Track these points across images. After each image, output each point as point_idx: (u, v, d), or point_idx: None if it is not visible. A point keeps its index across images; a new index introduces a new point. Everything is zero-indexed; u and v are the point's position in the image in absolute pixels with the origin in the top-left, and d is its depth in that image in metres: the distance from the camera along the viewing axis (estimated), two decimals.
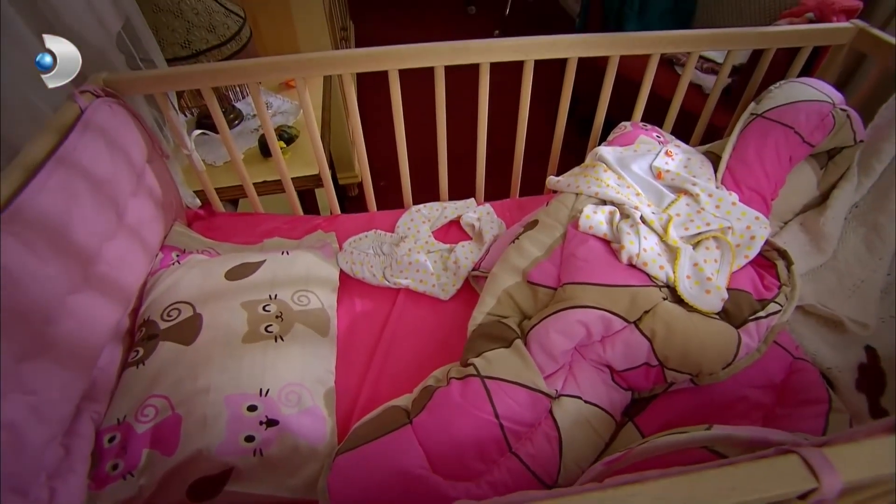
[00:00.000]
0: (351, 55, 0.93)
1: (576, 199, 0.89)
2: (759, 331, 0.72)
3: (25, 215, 0.66)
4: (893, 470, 0.40)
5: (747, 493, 0.39)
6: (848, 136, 0.91)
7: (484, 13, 3.49)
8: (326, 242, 1.08)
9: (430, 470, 0.61)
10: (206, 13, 1.14)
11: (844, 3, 1.34)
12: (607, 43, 1.00)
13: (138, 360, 0.80)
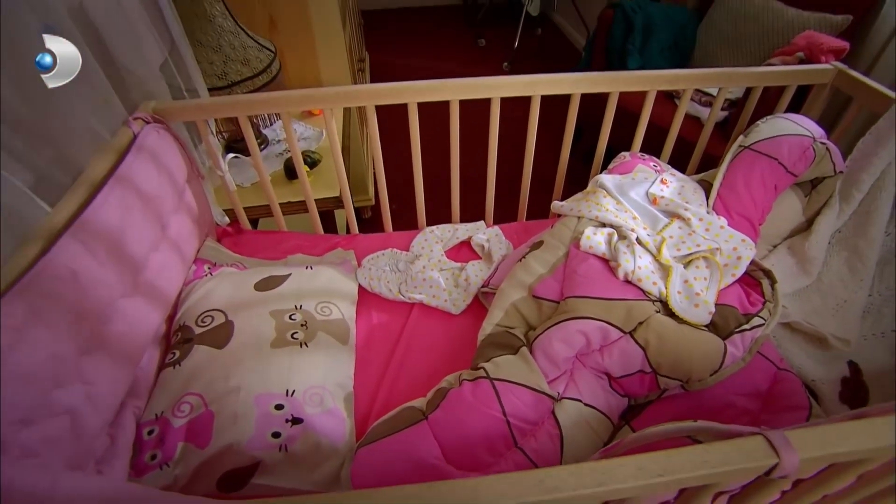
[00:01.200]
0: (375, 89, 1.04)
1: (578, 221, 0.98)
2: (744, 342, 0.80)
3: (90, 226, 0.76)
4: (842, 449, 0.48)
5: (717, 465, 0.47)
6: (828, 167, 1.00)
7: (493, 46, 3.65)
8: (346, 259, 1.17)
9: (443, 461, 0.69)
10: (241, 48, 1.27)
11: (832, 43, 1.45)
12: (608, 80, 1.10)
13: (175, 361, 0.88)
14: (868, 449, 0.49)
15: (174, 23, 1.02)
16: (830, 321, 0.96)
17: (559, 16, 3.97)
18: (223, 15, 1.22)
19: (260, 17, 1.56)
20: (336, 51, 1.69)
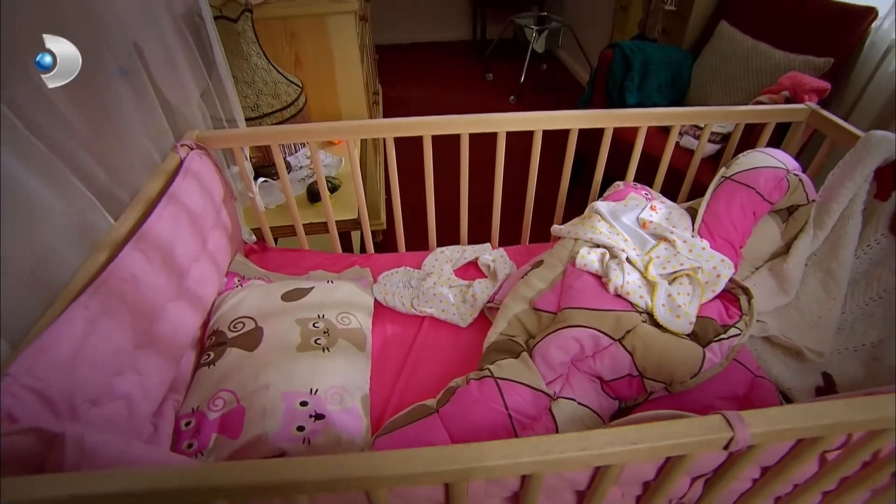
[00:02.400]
0: (394, 123, 1.18)
1: (574, 243, 1.10)
2: (721, 350, 0.90)
3: (148, 237, 0.88)
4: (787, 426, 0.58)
5: (680, 437, 0.57)
6: (801, 197, 1.12)
7: (501, 79, 3.86)
8: (363, 276, 1.29)
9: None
10: (272, 83, 1.42)
11: (814, 84, 1.59)
12: (602, 117, 1.24)
13: (209, 361, 0.99)
14: (811, 426, 0.59)
15: (223, 64, 1.17)
16: (807, 335, 1.06)
17: (563, 52, 4.19)
18: (258, 55, 1.38)
19: (287, 54, 1.73)
20: (354, 85, 1.86)
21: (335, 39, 1.73)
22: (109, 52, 0.90)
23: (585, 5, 3.76)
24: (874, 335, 1.03)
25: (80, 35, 0.83)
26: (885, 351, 0.99)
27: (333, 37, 1.72)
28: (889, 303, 1.03)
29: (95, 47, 0.87)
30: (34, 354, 0.64)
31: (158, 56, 1.07)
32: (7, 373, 0.60)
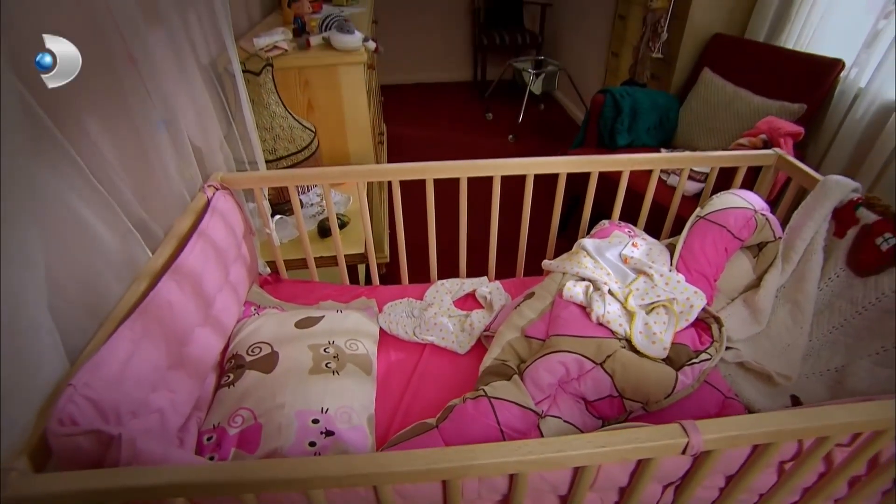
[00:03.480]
0: (400, 168, 1.32)
1: (562, 276, 1.22)
2: (693, 373, 1.01)
3: (181, 269, 1.01)
4: (734, 432, 0.69)
5: (642, 441, 0.68)
6: (769, 234, 1.24)
7: (500, 119, 4.05)
8: (369, 306, 1.41)
9: None
10: (289, 129, 1.57)
11: (788, 128, 1.75)
12: (588, 163, 1.38)
13: (229, 382, 1.10)
14: (756, 433, 0.70)
15: (248, 114, 1.33)
16: (776, 361, 1.17)
17: (560, 93, 4.41)
18: (277, 103, 1.54)
19: (301, 100, 1.90)
20: (361, 128, 2.02)
21: (345, 87, 1.90)
22: (153, 105, 1.05)
23: (580, 51, 4.00)
24: (837, 361, 1.14)
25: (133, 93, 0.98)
26: (846, 375, 1.10)
27: (344, 85, 1.89)
28: (849, 331, 1.14)
29: (143, 105, 1.02)
30: (91, 370, 0.75)
31: (188, 105, 1.22)
32: (70, 383, 0.71)
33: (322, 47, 1.90)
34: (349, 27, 1.83)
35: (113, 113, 0.97)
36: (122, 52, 0.95)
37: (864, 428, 0.75)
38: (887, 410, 0.72)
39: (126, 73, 0.97)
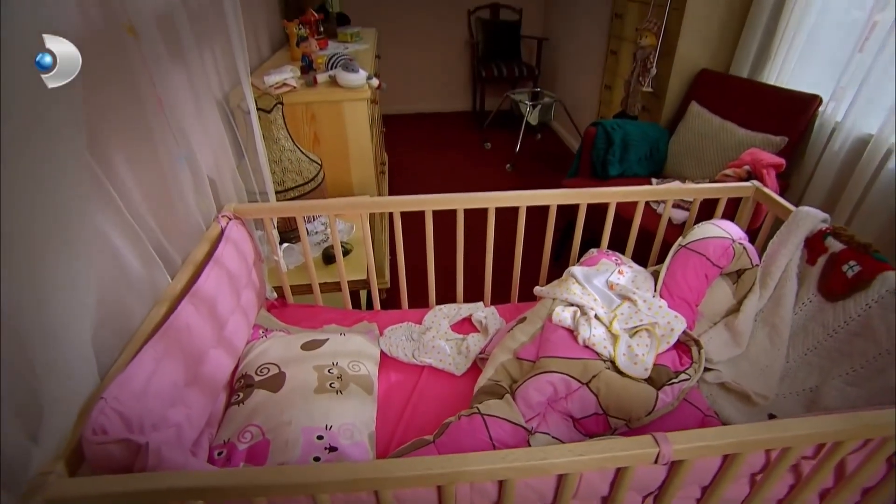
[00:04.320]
0: (401, 200, 1.42)
1: (552, 302, 1.31)
2: (673, 392, 1.09)
3: (198, 293, 1.10)
4: (701, 443, 0.76)
5: (617, 451, 0.76)
6: (746, 262, 1.33)
7: (498, 148, 4.19)
8: (371, 330, 1.49)
9: None
10: (297, 161, 1.68)
11: (770, 160, 1.85)
12: (577, 195, 1.48)
13: (239, 400, 1.17)
14: (721, 444, 0.78)
15: (262, 149, 1.43)
16: (755, 382, 1.25)
17: (556, 123, 4.57)
18: (286, 138, 1.65)
19: (307, 133, 2.02)
20: (364, 160, 2.14)
21: (349, 122, 2.02)
22: (175, 142, 1.15)
23: (575, 83, 4.17)
24: (812, 381, 1.21)
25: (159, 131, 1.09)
26: (820, 395, 1.17)
27: (348, 120, 2.02)
28: (822, 353, 1.22)
29: (167, 141, 1.13)
30: (119, 384, 0.83)
31: (204, 139, 1.32)
32: (102, 397, 0.79)
33: (328, 84, 2.03)
34: (354, 66, 1.96)
35: (140, 150, 1.07)
36: (151, 96, 1.06)
37: (824, 438, 0.83)
38: (845, 422, 0.80)
39: (154, 113, 1.08)
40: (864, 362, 1.12)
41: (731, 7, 2.42)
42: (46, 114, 0.65)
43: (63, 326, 0.73)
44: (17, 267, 0.64)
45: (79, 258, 0.75)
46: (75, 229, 0.74)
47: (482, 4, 4.67)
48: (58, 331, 0.71)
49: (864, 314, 1.15)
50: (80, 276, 0.76)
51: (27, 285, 0.66)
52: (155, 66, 1.05)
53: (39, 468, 0.71)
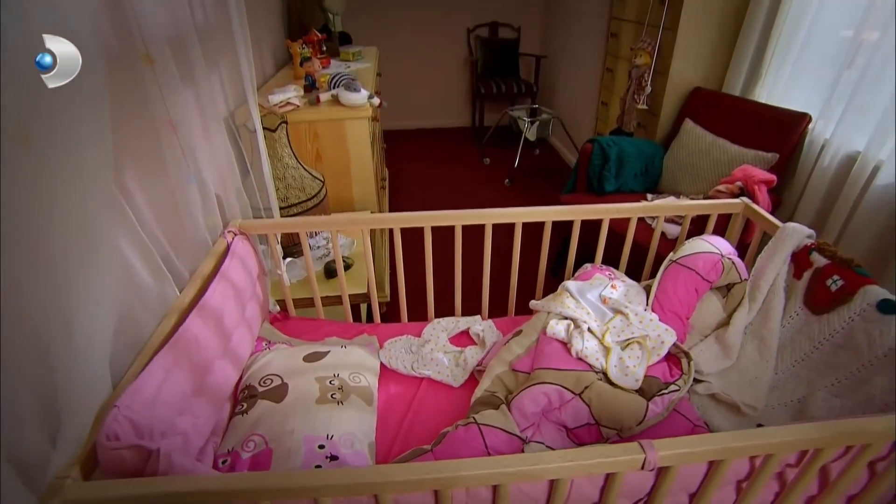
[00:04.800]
0: (400, 217, 1.47)
1: (547, 315, 1.35)
2: (663, 402, 1.13)
3: (206, 307, 1.14)
4: (684, 450, 0.80)
5: (608, 457, 0.80)
6: (735, 276, 1.38)
7: (497, 164, 4.26)
8: (371, 342, 1.53)
9: None
10: (300, 178, 1.74)
11: (762, 176, 1.90)
12: (571, 212, 1.53)
13: (243, 411, 1.21)
14: (703, 450, 0.82)
15: (267, 167, 1.49)
16: (744, 393, 1.28)
17: (554, 138, 4.65)
18: (290, 156, 1.71)
19: (310, 150, 2.08)
20: (365, 176, 2.20)
21: (351, 139, 2.09)
22: (184, 163, 1.21)
23: (572, 100, 4.25)
24: (799, 392, 1.25)
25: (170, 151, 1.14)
26: (807, 406, 1.21)
27: (350, 137, 2.08)
28: (808, 365, 1.26)
29: (175, 161, 1.19)
30: (132, 393, 0.88)
31: (211, 156, 1.38)
32: (115, 405, 0.84)
33: (330, 103, 2.10)
34: (356, 86, 2.03)
35: (152, 170, 1.13)
36: (164, 119, 1.12)
37: (803, 446, 0.87)
38: (822, 430, 0.84)
39: (166, 135, 1.13)
40: (847, 374, 1.16)
41: (721, 28, 2.50)
42: (73, 142, 0.71)
43: (86, 339, 0.78)
44: (46, 283, 0.69)
45: (102, 275, 0.80)
46: (100, 247, 0.79)
47: (482, 23, 4.78)
48: (81, 344, 0.76)
49: (847, 327, 1.19)
50: (104, 291, 0.81)
51: (54, 300, 0.70)
52: (167, 91, 1.11)
53: (57, 472, 0.75)
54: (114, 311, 0.84)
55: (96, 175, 0.75)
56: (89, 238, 0.76)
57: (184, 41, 1.23)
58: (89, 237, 0.76)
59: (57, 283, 0.70)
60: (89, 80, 0.70)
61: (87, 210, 0.74)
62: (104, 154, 0.76)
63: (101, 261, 0.79)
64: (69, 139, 0.68)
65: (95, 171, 0.75)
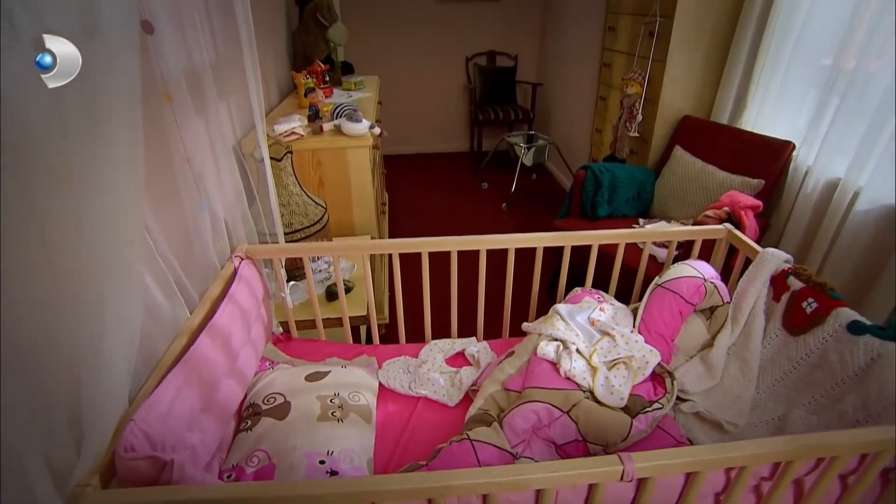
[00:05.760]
0: (399, 243, 1.56)
1: (538, 337, 1.43)
2: (647, 419, 1.19)
3: (215, 327, 1.22)
4: (658, 462, 0.87)
5: (589, 468, 0.86)
6: (718, 299, 1.46)
7: (495, 188, 4.37)
8: (370, 363, 1.60)
9: None
10: (303, 205, 1.83)
11: (748, 202, 1.98)
12: (562, 238, 1.62)
13: (247, 428, 1.28)
14: (677, 462, 0.88)
15: (273, 196, 1.58)
16: (727, 411, 1.35)
17: (551, 163, 4.77)
18: (294, 184, 1.80)
19: (313, 177, 2.18)
20: (366, 201, 2.29)
21: (352, 167, 2.18)
22: (197, 192, 1.30)
23: (568, 127, 4.38)
24: (780, 410, 1.32)
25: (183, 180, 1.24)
26: (786, 423, 1.27)
27: (351, 165, 2.18)
28: (788, 384, 1.33)
29: (188, 190, 1.28)
30: (147, 408, 0.95)
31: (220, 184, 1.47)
32: (132, 419, 0.91)
33: (333, 132, 2.21)
34: (358, 116, 2.13)
35: (168, 198, 1.22)
36: (180, 151, 1.21)
37: (772, 458, 0.93)
38: (789, 443, 0.91)
39: (180, 166, 1.23)
40: (823, 392, 1.23)
41: (708, 59, 2.62)
42: (111, 181, 0.80)
43: (111, 359, 0.85)
44: (78, 307, 0.77)
45: (128, 300, 0.88)
46: (128, 277, 0.88)
47: (480, 52, 4.95)
48: (106, 363, 0.84)
49: (821, 347, 1.26)
50: (128, 316, 0.89)
51: (87, 323, 0.78)
52: (183, 125, 1.20)
53: (78, 480, 0.82)
54: (136, 334, 0.92)
55: (128, 211, 0.84)
56: (118, 268, 0.84)
57: (199, 76, 1.33)
58: (118, 268, 0.84)
59: (89, 308, 0.78)
60: (129, 122, 0.79)
61: (118, 243, 0.82)
62: (137, 192, 0.85)
63: (128, 288, 0.87)
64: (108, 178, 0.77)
65: (128, 207, 0.83)
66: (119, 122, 0.76)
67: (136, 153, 0.83)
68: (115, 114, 0.77)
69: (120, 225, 0.81)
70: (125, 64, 0.80)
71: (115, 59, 0.77)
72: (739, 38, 2.48)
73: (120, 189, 0.79)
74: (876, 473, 1.01)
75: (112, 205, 0.78)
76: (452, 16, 4.82)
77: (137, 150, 0.82)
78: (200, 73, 1.33)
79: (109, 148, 0.76)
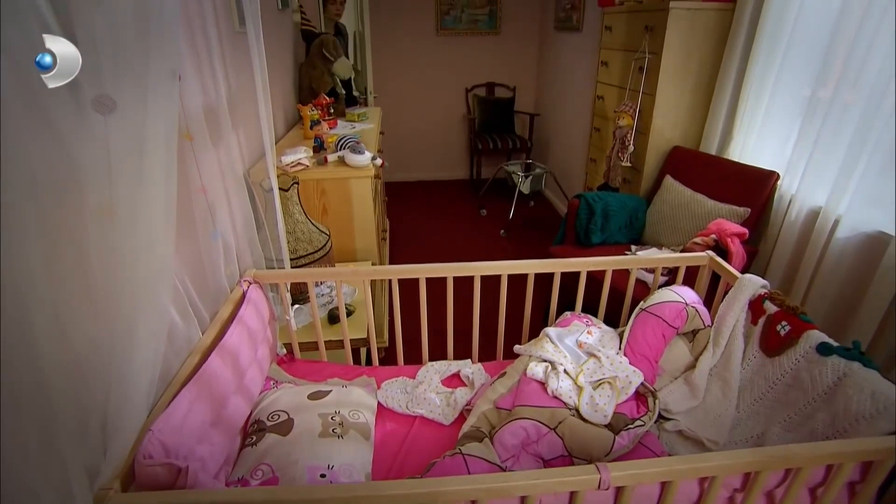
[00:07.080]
0: (398, 269, 1.66)
1: (528, 358, 1.52)
2: (629, 436, 1.28)
3: (225, 347, 1.31)
4: (632, 471, 0.95)
5: (570, 476, 0.95)
6: (699, 323, 1.55)
7: (493, 215, 4.49)
8: (370, 383, 1.69)
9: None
10: (308, 232, 1.94)
11: (734, 229, 2.08)
12: (552, 264, 1.72)
13: (252, 443, 1.36)
14: (650, 472, 0.96)
15: (281, 225, 1.70)
16: (709, 429, 1.43)
17: (548, 191, 4.91)
18: (300, 213, 1.92)
19: (317, 205, 2.30)
20: (367, 229, 2.40)
21: (355, 196, 2.30)
22: (211, 222, 1.41)
23: (564, 156, 4.54)
24: (758, 429, 1.39)
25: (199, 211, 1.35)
26: (764, 440, 1.35)
27: (354, 194, 2.30)
28: (765, 403, 1.41)
29: (203, 219, 1.39)
30: (164, 419, 1.04)
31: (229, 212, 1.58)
32: (150, 429, 1.00)
33: (337, 163, 2.33)
34: (360, 148, 2.26)
35: (185, 227, 1.33)
36: (197, 184, 1.33)
37: (742, 469, 1.01)
38: (755, 455, 0.99)
39: (197, 197, 1.34)
40: (797, 410, 1.31)
41: (694, 93, 2.76)
42: (148, 215, 0.91)
43: (138, 373, 0.95)
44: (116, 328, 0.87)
45: (156, 321, 0.98)
46: (156, 301, 0.98)
47: (479, 83, 5.15)
48: (135, 377, 0.93)
49: (794, 368, 1.35)
50: (156, 333, 0.99)
51: (121, 340, 0.88)
52: (201, 159, 1.32)
53: (101, 484, 0.91)
54: (160, 353, 1.02)
55: (159, 243, 0.94)
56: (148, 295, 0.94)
57: (215, 112, 1.45)
58: (148, 295, 0.94)
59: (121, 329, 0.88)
60: (166, 161, 0.90)
61: (151, 270, 0.93)
62: (168, 226, 0.96)
63: (154, 313, 0.98)
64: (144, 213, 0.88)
65: (160, 240, 0.94)
66: (157, 161, 0.88)
67: (171, 190, 0.94)
68: (154, 153, 0.89)
69: (152, 256, 0.92)
70: (164, 109, 0.92)
71: (156, 104, 0.90)
72: (724, 72, 2.62)
73: (154, 223, 0.90)
74: (840, 485, 1.09)
75: (147, 237, 0.89)
76: (453, 49, 5.04)
77: (171, 188, 0.94)
78: (216, 108, 1.46)
79: (147, 185, 0.88)
